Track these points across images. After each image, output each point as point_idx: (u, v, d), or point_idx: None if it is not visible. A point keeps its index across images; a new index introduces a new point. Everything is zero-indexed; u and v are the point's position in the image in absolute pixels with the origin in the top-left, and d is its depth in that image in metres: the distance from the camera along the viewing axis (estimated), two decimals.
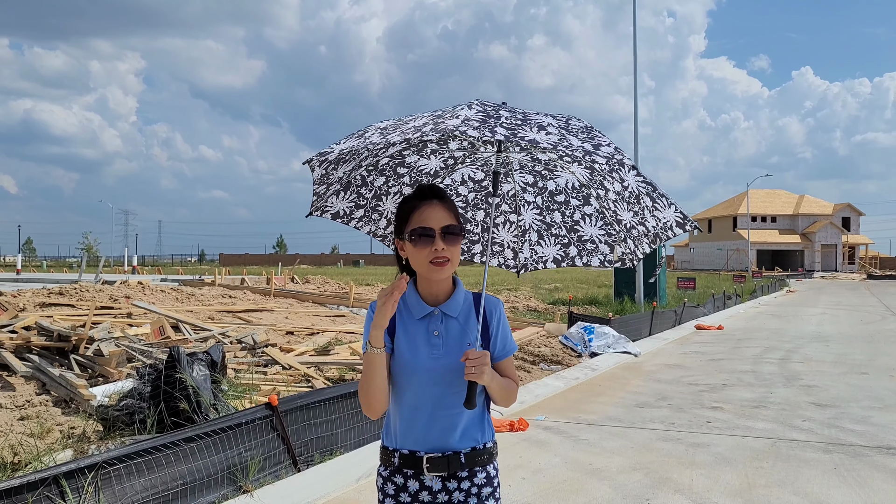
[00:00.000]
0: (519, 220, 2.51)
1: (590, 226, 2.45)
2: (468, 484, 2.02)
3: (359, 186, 2.42)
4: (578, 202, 2.45)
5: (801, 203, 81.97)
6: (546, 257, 2.53)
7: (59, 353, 7.47)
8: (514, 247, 2.55)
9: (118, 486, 3.78)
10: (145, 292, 13.90)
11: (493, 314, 2.10)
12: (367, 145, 2.15)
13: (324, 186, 2.40)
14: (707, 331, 15.95)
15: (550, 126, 2.07)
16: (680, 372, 9.93)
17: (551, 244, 2.51)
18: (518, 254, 2.55)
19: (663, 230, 2.41)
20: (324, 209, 2.45)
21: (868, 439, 6.10)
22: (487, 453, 2.05)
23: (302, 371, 7.51)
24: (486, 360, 1.91)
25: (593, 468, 5.29)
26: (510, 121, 2.03)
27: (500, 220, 2.53)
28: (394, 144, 2.30)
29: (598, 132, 2.17)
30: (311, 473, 4.84)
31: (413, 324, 2.06)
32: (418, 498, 2.02)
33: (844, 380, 9.17)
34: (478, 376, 1.89)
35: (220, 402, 5.40)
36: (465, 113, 2.01)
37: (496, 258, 2.58)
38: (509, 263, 2.58)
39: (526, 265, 2.55)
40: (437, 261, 2.00)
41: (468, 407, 1.92)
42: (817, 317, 19.92)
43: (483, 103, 2.12)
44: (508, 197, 2.50)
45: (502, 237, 2.55)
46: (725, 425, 6.65)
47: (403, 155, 2.40)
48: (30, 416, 5.63)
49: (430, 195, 2.05)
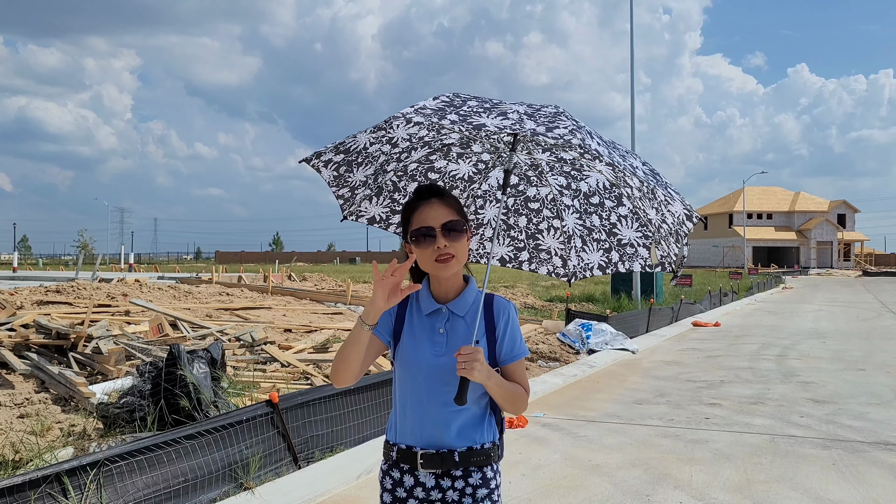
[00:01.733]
0: (563, 225, 2.46)
1: (627, 228, 2.39)
2: (462, 483, 2.00)
3: (391, 192, 2.44)
4: (612, 203, 2.39)
5: (797, 200, 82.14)
6: (592, 264, 2.47)
7: (57, 350, 7.45)
8: (561, 254, 2.50)
9: (120, 484, 3.78)
10: (143, 290, 13.88)
11: (501, 316, 2.07)
12: (380, 148, 2.19)
13: (346, 189, 2.41)
14: (704, 328, 15.99)
15: (515, 113, 2.04)
16: (678, 369, 9.96)
17: (594, 249, 2.45)
18: (567, 261, 2.50)
19: (680, 226, 2.37)
20: (359, 214, 2.47)
21: (866, 435, 6.13)
22: (485, 454, 2.02)
23: (301, 368, 7.52)
24: (478, 356, 1.87)
25: (593, 464, 5.30)
26: (474, 108, 2.03)
27: (543, 226, 2.49)
28: (415, 149, 2.33)
29: (563, 116, 2.09)
30: (312, 470, 4.84)
31: (420, 319, 2.08)
32: (413, 493, 2.03)
33: (841, 376, 9.21)
34: (468, 372, 1.86)
35: (220, 400, 5.41)
36: (424, 102, 2.04)
37: (545, 266, 2.52)
38: (559, 272, 2.52)
39: (575, 273, 2.50)
40: (441, 258, 2.00)
41: (458, 402, 1.90)
42: (814, 313, 19.98)
43: (457, 95, 2.13)
44: (548, 201, 2.45)
45: (549, 244, 2.50)
46: (724, 421, 6.68)
47: (431, 160, 2.41)
48: (29, 414, 5.62)
49: (429, 195, 2.06)
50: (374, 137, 2.28)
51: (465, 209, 2.18)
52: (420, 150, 2.37)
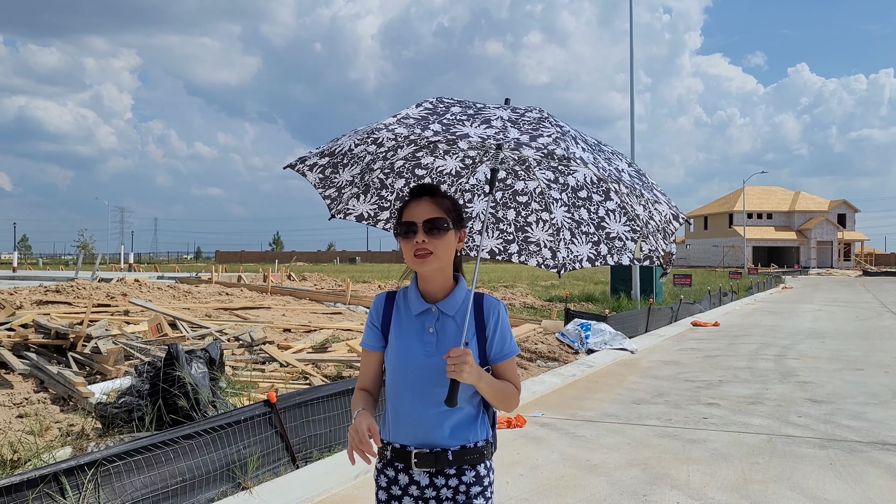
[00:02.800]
0: (551, 217, 2.49)
1: (615, 222, 2.41)
2: (456, 482, 2.02)
3: (378, 189, 2.46)
4: (600, 197, 2.41)
5: (797, 200, 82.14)
6: (581, 256, 2.49)
7: (56, 350, 7.46)
8: (551, 246, 2.52)
9: (118, 483, 3.79)
10: (142, 290, 13.89)
11: (491, 315, 2.07)
12: (366, 149, 2.20)
13: (333, 189, 2.43)
14: (703, 327, 16.00)
15: (498, 120, 2.04)
16: (676, 368, 9.97)
17: (583, 242, 2.47)
18: (556, 253, 2.52)
19: (667, 224, 2.40)
20: (346, 212, 2.49)
21: (863, 435, 6.14)
22: (478, 452, 2.04)
23: (300, 368, 7.53)
24: (467, 358, 1.88)
25: (590, 464, 5.31)
26: (457, 116, 2.04)
27: (532, 219, 2.52)
28: (401, 147, 2.36)
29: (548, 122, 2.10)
30: (310, 470, 4.85)
31: (409, 320, 2.08)
32: (408, 491, 2.04)
33: (840, 376, 9.22)
34: (457, 374, 1.87)
35: (218, 400, 5.41)
36: (407, 111, 2.06)
37: (534, 258, 2.55)
38: (548, 263, 2.54)
39: (564, 265, 2.51)
40: (418, 253, 2.01)
41: (448, 405, 1.91)
42: (813, 313, 19.99)
43: (440, 101, 2.14)
44: (536, 195, 2.48)
45: (538, 236, 2.52)
46: (722, 421, 6.69)
47: (417, 157, 2.43)
48: (28, 414, 5.63)
49: (421, 193, 2.08)
50: (358, 139, 2.30)
51: (461, 210, 2.17)
52: (406, 147, 2.39)
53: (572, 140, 2.05)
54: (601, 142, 2.32)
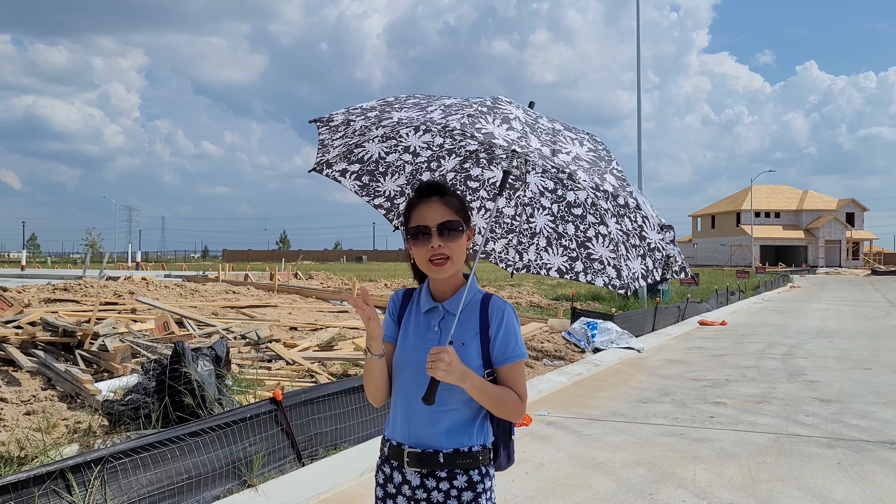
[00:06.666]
0: (608, 231, 2.34)
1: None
2: (447, 485, 1.97)
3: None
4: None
5: (805, 199, 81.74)
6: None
7: (64, 348, 7.49)
8: (614, 263, 2.35)
9: (124, 480, 3.80)
10: (149, 288, 13.95)
11: (495, 316, 2.02)
12: (400, 157, 2.26)
13: (383, 199, 2.40)
14: (710, 326, 15.94)
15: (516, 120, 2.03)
16: (683, 367, 9.94)
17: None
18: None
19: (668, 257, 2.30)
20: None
21: (871, 434, 6.10)
22: (472, 457, 1.98)
23: (306, 366, 7.54)
24: (444, 356, 1.82)
25: (596, 463, 5.30)
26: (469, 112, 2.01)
27: (591, 233, 2.37)
28: (443, 157, 2.34)
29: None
30: (316, 468, 4.86)
31: (419, 317, 2.08)
32: (401, 490, 2.02)
33: (848, 375, 9.17)
34: (434, 371, 1.82)
35: (224, 397, 5.43)
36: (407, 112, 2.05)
37: (600, 277, 2.37)
38: (615, 283, 2.37)
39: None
40: (434, 259, 1.99)
41: (425, 402, 1.87)
42: (821, 312, 19.89)
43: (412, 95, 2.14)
44: (590, 206, 2.33)
45: (599, 252, 2.37)
46: (728, 420, 6.66)
47: (465, 167, 2.39)
48: (36, 411, 5.66)
49: (429, 192, 2.04)
50: (385, 147, 2.26)
51: (468, 208, 2.14)
52: (450, 158, 2.33)
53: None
54: (597, 141, 2.27)
